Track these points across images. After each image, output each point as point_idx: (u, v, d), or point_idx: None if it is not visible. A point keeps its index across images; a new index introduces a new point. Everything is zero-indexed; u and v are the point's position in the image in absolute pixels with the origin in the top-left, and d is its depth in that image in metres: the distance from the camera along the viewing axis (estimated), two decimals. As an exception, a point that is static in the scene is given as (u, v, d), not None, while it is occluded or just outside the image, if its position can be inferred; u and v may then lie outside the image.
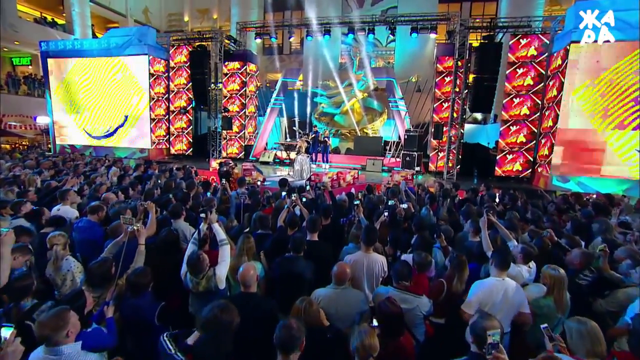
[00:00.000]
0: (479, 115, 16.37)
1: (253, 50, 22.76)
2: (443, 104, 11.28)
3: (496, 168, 10.52)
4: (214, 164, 10.07)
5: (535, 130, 9.88)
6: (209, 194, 5.28)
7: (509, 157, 10.30)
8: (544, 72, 9.58)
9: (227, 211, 4.76)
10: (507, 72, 9.87)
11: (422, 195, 6.67)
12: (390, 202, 4.99)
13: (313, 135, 11.64)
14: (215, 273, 2.70)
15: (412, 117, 13.03)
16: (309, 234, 3.50)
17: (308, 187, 5.61)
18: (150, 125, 13.50)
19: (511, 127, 10.11)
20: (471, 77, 10.40)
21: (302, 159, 9.26)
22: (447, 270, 3.03)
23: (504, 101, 10.10)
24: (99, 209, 3.54)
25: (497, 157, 10.49)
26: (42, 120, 16.76)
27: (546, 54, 9.43)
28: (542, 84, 9.62)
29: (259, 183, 6.55)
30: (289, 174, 9.99)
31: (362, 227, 3.64)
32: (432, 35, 13.83)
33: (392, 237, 3.86)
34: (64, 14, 20.91)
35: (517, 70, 9.78)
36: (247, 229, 3.78)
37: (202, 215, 3.04)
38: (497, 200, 5.84)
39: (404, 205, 4.22)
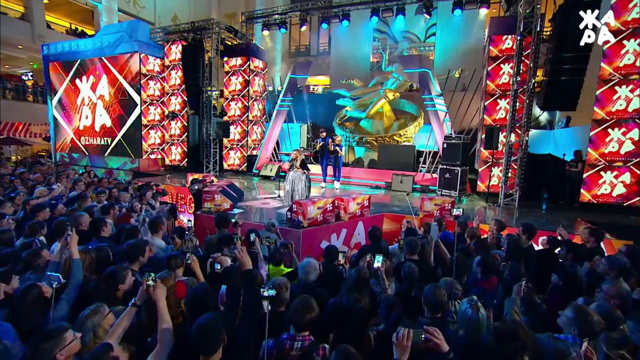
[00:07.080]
0: (543, 117, 12.64)
1: (277, 53, 21.10)
2: (498, 100, 8.19)
3: (582, 191, 7.16)
4: (191, 179, 7.87)
5: (653, 135, 6.43)
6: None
7: (606, 175, 6.90)
8: (673, 43, 6.16)
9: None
10: (605, 48, 6.57)
11: (471, 248, 3.80)
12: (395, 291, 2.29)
13: (321, 143, 9.04)
14: None
15: (454, 122, 9.95)
16: None
17: (268, 233, 2.96)
18: (142, 132, 11.86)
19: (610, 130, 6.72)
20: (542, 62, 7.27)
21: (294, 176, 6.71)
22: None
23: (598, 92, 6.76)
24: None
25: (585, 176, 7.13)
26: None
27: (678, 14, 6.03)
28: (670, 61, 6.20)
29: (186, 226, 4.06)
30: (278, 196, 7.51)
31: None
32: (482, 12, 10.80)
33: None
34: (94, 24, 20.97)
35: (624, 42, 6.43)
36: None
37: None
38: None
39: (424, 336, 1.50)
